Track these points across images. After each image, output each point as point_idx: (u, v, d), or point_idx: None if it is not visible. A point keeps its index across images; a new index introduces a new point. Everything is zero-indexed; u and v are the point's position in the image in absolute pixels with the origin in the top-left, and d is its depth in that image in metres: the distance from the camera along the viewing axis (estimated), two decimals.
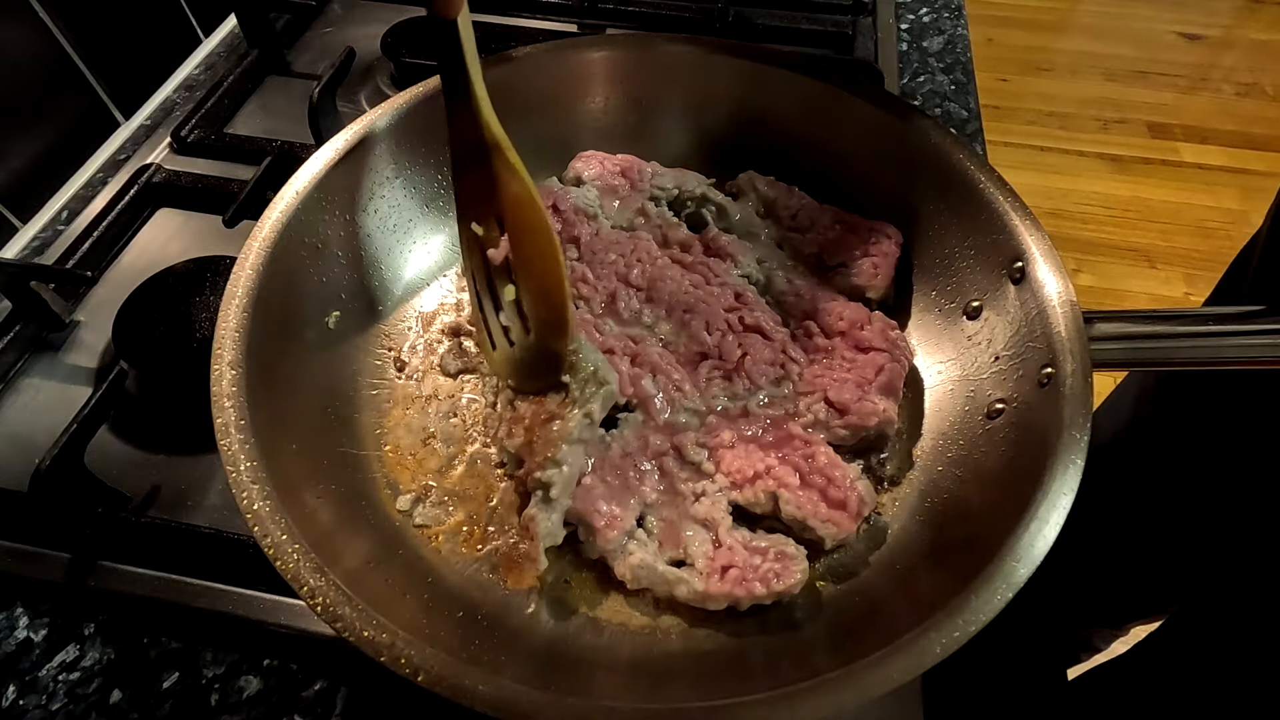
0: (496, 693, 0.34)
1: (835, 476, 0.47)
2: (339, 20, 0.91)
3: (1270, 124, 2.36)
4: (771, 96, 0.63)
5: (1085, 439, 0.41)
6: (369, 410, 0.53)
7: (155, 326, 0.57)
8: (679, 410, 0.51)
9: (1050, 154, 2.30)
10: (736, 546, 0.45)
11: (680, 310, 0.55)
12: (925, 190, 0.57)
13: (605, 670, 0.43)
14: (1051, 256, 0.49)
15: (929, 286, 0.58)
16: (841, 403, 0.51)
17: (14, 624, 0.48)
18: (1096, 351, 0.45)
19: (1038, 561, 0.37)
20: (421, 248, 0.61)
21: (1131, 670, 0.90)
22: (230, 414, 0.41)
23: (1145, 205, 2.16)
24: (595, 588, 0.47)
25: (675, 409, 0.51)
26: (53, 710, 0.45)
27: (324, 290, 0.53)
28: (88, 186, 0.74)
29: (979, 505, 0.46)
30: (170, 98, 0.83)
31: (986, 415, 0.49)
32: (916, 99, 0.84)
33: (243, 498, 0.38)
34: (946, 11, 0.95)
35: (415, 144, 0.58)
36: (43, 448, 0.48)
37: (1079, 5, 2.83)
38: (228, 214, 0.62)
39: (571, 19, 0.89)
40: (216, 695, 0.46)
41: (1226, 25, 2.73)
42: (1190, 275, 2.01)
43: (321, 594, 0.36)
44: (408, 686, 0.34)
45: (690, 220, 0.63)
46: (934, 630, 0.36)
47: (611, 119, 0.66)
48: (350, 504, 0.47)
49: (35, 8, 0.68)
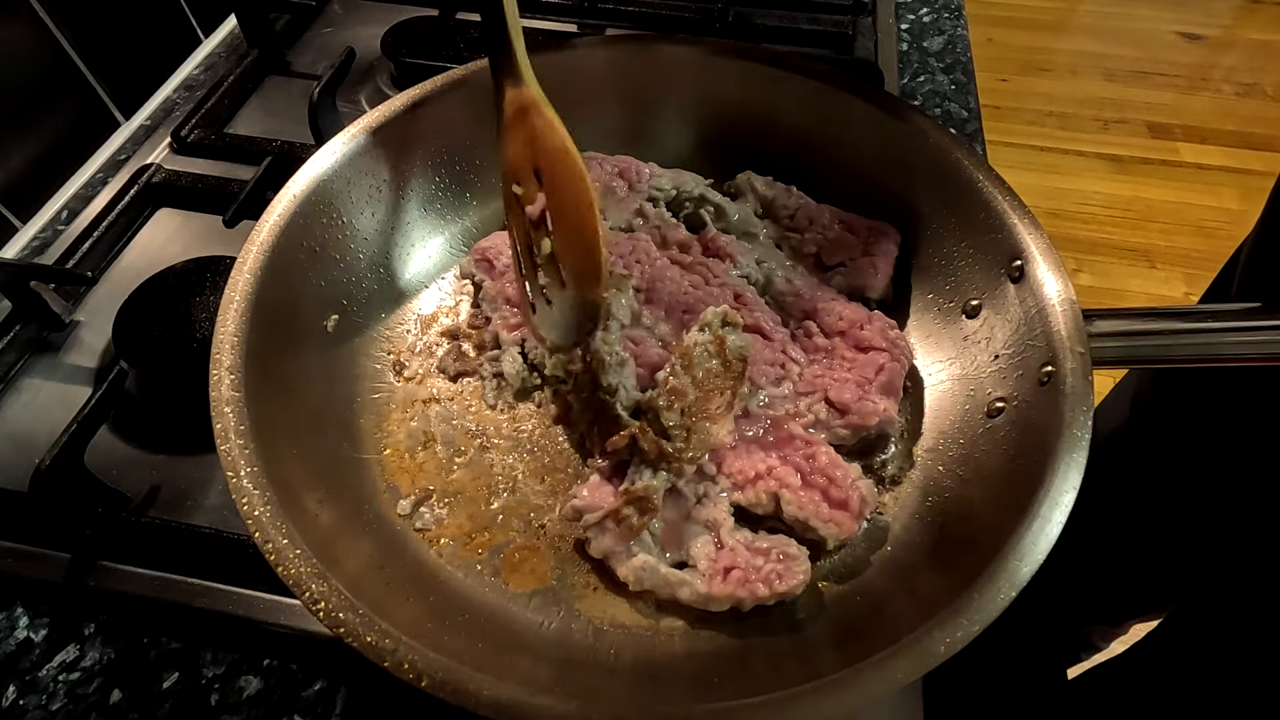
0: (499, 697, 0.34)
1: (836, 476, 0.47)
2: (339, 20, 0.91)
3: (1270, 124, 2.36)
4: (771, 96, 0.63)
5: (1086, 437, 0.41)
6: (368, 414, 0.53)
7: (155, 326, 0.57)
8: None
9: (1050, 154, 2.30)
10: (738, 548, 0.45)
11: (679, 311, 0.55)
12: (925, 190, 0.57)
13: (608, 673, 0.43)
14: (1050, 255, 0.49)
15: (928, 286, 0.58)
16: (842, 403, 0.51)
17: (14, 624, 0.48)
18: (1096, 349, 0.45)
19: (1040, 560, 0.37)
20: (420, 250, 0.61)
21: (1131, 670, 0.90)
22: (229, 419, 0.41)
23: (1145, 205, 2.17)
24: (597, 590, 0.47)
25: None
26: (53, 710, 0.45)
27: (322, 293, 0.53)
28: (88, 186, 0.74)
29: (981, 504, 0.46)
30: (170, 98, 0.83)
31: (987, 414, 0.49)
32: (916, 99, 0.84)
33: (243, 503, 0.38)
34: (946, 11, 0.95)
35: (414, 146, 0.58)
36: (43, 448, 0.48)
37: (1079, 5, 2.83)
38: (228, 214, 0.62)
39: (571, 19, 0.89)
40: (216, 695, 0.46)
41: (1226, 25, 2.73)
42: (1190, 275, 2.01)
43: (323, 599, 0.36)
44: (408, 687, 0.34)
45: (689, 221, 0.63)
46: (937, 630, 0.36)
47: (610, 119, 0.66)
48: (351, 508, 0.47)
49: (35, 8, 0.68)
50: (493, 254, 0.58)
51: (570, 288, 0.48)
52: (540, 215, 0.49)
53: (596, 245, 0.46)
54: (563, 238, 0.47)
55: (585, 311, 0.48)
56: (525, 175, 0.49)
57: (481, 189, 0.63)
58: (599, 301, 0.47)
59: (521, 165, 0.49)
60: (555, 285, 0.49)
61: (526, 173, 0.48)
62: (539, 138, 0.47)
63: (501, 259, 0.58)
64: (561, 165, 0.47)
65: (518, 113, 0.48)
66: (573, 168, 0.46)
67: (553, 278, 0.49)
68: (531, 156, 0.48)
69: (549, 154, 0.47)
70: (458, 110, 0.60)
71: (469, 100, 0.60)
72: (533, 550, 0.48)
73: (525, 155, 0.48)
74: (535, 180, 0.48)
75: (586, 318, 0.49)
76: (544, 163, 0.48)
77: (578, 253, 0.47)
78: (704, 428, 0.48)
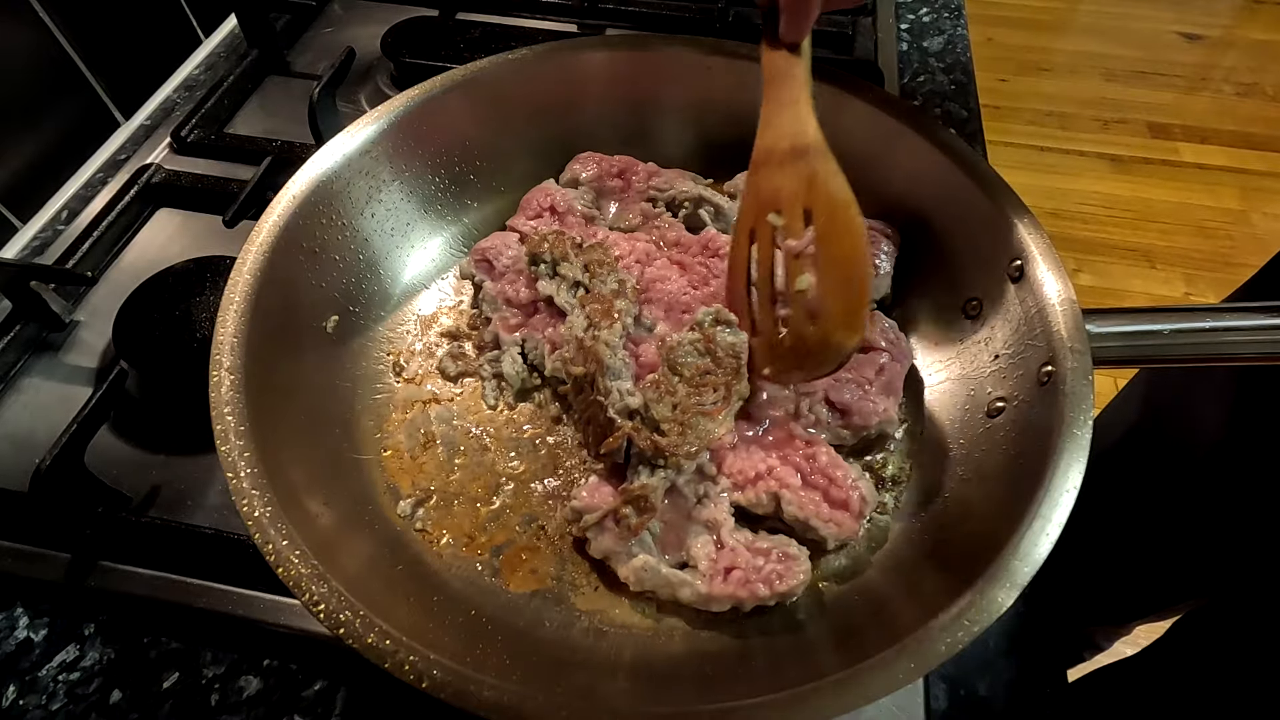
0: (500, 697, 0.34)
1: (837, 477, 0.47)
2: (339, 20, 0.91)
3: (1270, 124, 2.36)
4: None
5: (1087, 436, 0.41)
6: (368, 414, 0.53)
7: (155, 326, 0.57)
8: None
9: (1050, 154, 2.30)
10: (739, 548, 0.45)
11: (679, 311, 0.55)
12: (924, 190, 0.57)
13: (608, 673, 0.43)
14: (1050, 255, 0.49)
15: (928, 286, 0.58)
16: (842, 403, 0.51)
17: (14, 624, 0.48)
18: (1096, 349, 0.45)
19: (1041, 560, 0.37)
20: (420, 251, 0.61)
21: (1136, 674, 0.90)
22: (229, 420, 0.41)
23: (1145, 205, 2.17)
24: (598, 590, 0.47)
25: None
26: (53, 710, 0.45)
27: (322, 294, 0.53)
28: (88, 186, 0.74)
29: (981, 504, 0.46)
30: (170, 98, 0.82)
31: (987, 414, 0.49)
32: (916, 99, 0.84)
33: (243, 504, 0.38)
34: (946, 11, 0.95)
35: (414, 147, 0.58)
36: (43, 448, 0.48)
37: (1079, 5, 2.83)
38: (228, 214, 0.62)
39: (571, 19, 0.89)
40: (216, 695, 0.46)
41: (1226, 25, 2.73)
42: (1190, 275, 2.01)
43: (324, 600, 0.36)
44: (408, 687, 0.34)
45: (688, 221, 0.63)
46: (938, 630, 0.36)
47: (610, 120, 0.66)
48: (351, 508, 0.47)
49: (35, 8, 0.68)
50: (493, 254, 0.58)
51: (819, 328, 0.48)
52: (800, 253, 0.49)
53: (864, 296, 0.47)
54: (831, 284, 0.48)
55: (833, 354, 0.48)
56: (792, 211, 0.49)
57: (481, 189, 0.63)
58: (851, 347, 0.47)
59: (792, 201, 0.49)
60: (800, 318, 0.49)
61: (795, 209, 0.49)
62: (822, 183, 0.48)
63: (501, 259, 0.58)
64: (844, 216, 0.47)
65: (798, 150, 0.49)
66: (854, 222, 0.47)
67: (798, 312, 0.49)
68: (805, 196, 0.49)
69: (831, 202, 0.48)
70: (458, 110, 0.60)
71: (469, 100, 0.60)
72: (533, 550, 0.48)
73: (797, 192, 0.49)
74: (802, 219, 0.49)
75: (823, 360, 0.48)
76: (822, 208, 0.48)
77: (845, 302, 0.47)
78: (700, 423, 0.48)
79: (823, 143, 0.49)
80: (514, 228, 0.61)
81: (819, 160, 0.49)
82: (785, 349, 0.50)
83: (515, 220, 0.62)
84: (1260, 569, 0.72)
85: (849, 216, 0.47)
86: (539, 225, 0.61)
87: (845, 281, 0.47)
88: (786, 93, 0.51)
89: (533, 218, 0.61)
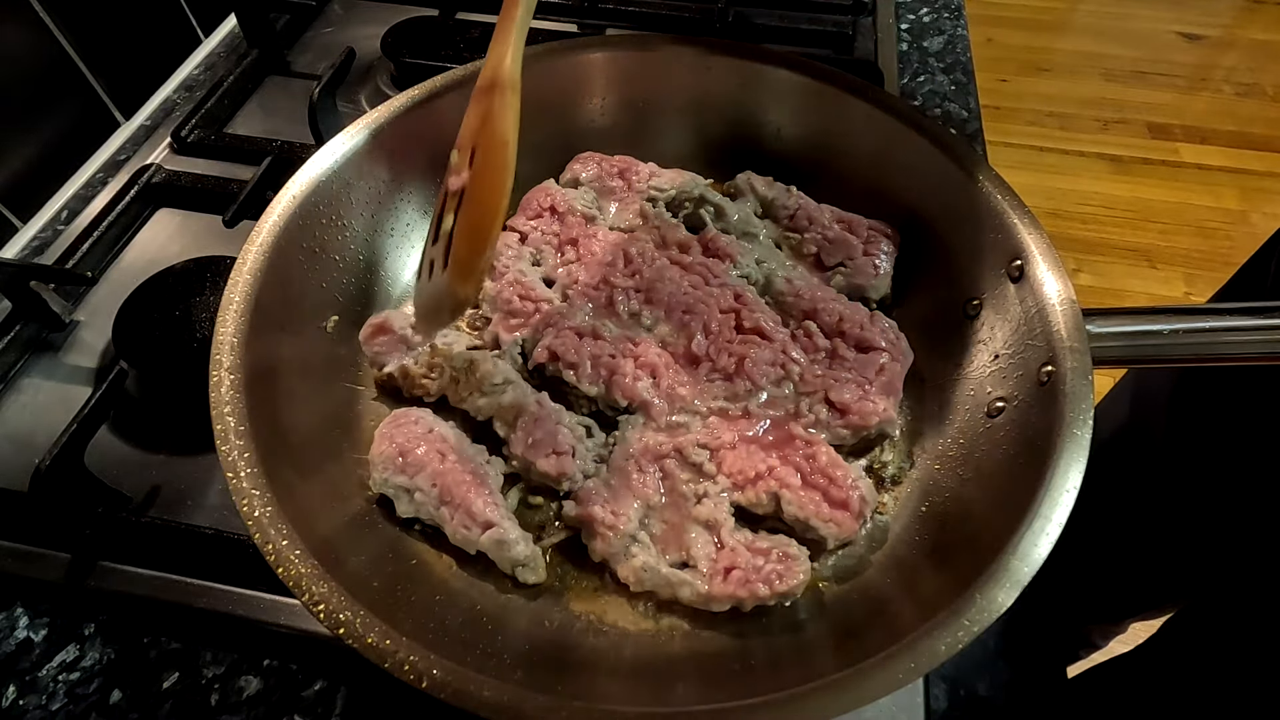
0: (499, 697, 0.34)
1: (837, 476, 0.47)
2: (339, 20, 0.91)
3: (1270, 124, 2.36)
4: (771, 96, 0.63)
5: (1087, 437, 0.41)
6: (369, 414, 0.53)
7: (155, 326, 0.57)
8: (680, 412, 0.51)
9: (1050, 154, 2.30)
10: (739, 548, 0.45)
11: (679, 311, 0.55)
12: (925, 190, 0.57)
13: (608, 673, 0.43)
14: (1050, 255, 0.49)
15: (928, 286, 0.58)
16: (842, 403, 0.51)
17: (14, 624, 0.48)
18: (1096, 349, 0.45)
19: (1041, 560, 0.37)
20: (420, 251, 0.61)
21: (1132, 671, 0.90)
22: (229, 420, 0.41)
23: (1145, 205, 2.17)
24: (598, 590, 0.47)
25: (676, 410, 0.51)
26: (53, 710, 0.45)
27: (322, 294, 0.53)
28: (88, 186, 0.74)
29: (981, 504, 0.46)
30: (170, 98, 0.82)
31: (987, 414, 0.49)
32: (916, 99, 0.84)
33: (243, 504, 0.38)
34: (946, 11, 0.95)
35: (414, 148, 0.58)
36: (43, 448, 0.48)
37: (1079, 5, 2.83)
38: (228, 214, 0.62)
39: (571, 19, 0.89)
40: (216, 695, 0.46)
41: (1226, 25, 2.73)
42: (1190, 275, 2.01)
43: (324, 600, 0.36)
44: (408, 687, 0.34)
45: (688, 221, 0.63)
46: (938, 630, 0.36)
47: (610, 120, 0.66)
48: (351, 509, 0.47)
49: (35, 8, 0.68)
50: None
51: (447, 274, 0.46)
52: (459, 192, 0.47)
53: (484, 244, 0.44)
54: (464, 223, 0.46)
55: (449, 302, 0.46)
56: (465, 148, 0.47)
57: None
58: (462, 297, 0.45)
59: (467, 138, 0.47)
60: (440, 263, 0.47)
61: (467, 146, 0.47)
62: (491, 120, 0.46)
63: (500, 260, 0.58)
64: (495, 155, 0.45)
65: (488, 86, 0.47)
66: (502, 160, 0.45)
67: (438, 256, 0.47)
68: (480, 132, 0.47)
69: (491, 140, 0.46)
70: (458, 110, 0.59)
71: (469, 100, 0.59)
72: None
73: (474, 130, 0.47)
74: (470, 158, 0.47)
75: (448, 310, 0.46)
76: (483, 145, 0.46)
77: (468, 242, 0.45)
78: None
79: (512, 78, 0.46)
80: (514, 228, 0.61)
81: (499, 95, 0.46)
82: (430, 296, 0.48)
83: (515, 220, 0.62)
84: (1245, 567, 0.72)
85: (501, 157, 0.45)
86: (539, 225, 0.61)
87: (474, 228, 0.45)
88: (503, 25, 0.48)
89: (533, 218, 0.62)
